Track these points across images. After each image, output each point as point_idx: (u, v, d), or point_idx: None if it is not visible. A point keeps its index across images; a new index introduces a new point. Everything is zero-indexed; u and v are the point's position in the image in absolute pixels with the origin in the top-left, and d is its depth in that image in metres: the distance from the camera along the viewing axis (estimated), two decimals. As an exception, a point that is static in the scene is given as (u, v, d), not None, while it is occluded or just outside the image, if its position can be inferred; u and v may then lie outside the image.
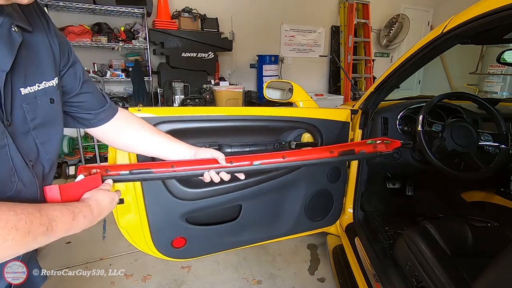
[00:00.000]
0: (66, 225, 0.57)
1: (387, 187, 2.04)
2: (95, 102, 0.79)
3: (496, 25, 0.88)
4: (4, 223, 0.46)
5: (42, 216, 0.52)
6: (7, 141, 0.54)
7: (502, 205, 1.86)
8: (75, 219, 0.59)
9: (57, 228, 0.54)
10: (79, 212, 0.61)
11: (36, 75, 0.61)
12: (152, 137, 0.91)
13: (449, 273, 1.01)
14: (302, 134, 1.47)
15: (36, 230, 0.50)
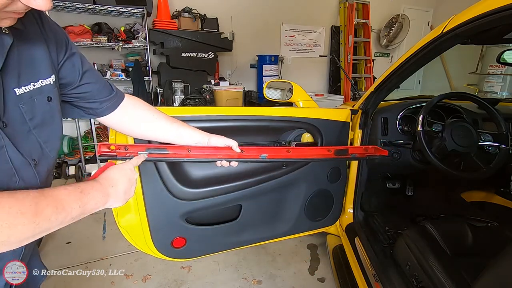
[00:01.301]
0: (76, 201, 0.58)
1: (387, 187, 2.04)
2: (99, 91, 0.77)
3: (496, 25, 0.88)
4: (7, 209, 0.47)
5: (47, 197, 0.53)
6: (4, 142, 0.54)
7: (502, 205, 1.86)
8: (83, 193, 0.60)
9: (69, 206, 0.56)
10: (86, 185, 0.61)
11: (31, 74, 0.60)
12: (165, 122, 0.91)
13: (449, 273, 1.01)
14: (302, 134, 1.47)
15: (44, 211, 0.52)
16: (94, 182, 0.65)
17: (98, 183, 0.65)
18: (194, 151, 0.92)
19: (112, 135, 1.13)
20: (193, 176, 1.28)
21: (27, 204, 0.49)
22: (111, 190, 0.67)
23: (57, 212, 0.54)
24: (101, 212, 2.54)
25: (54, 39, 0.66)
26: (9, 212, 0.47)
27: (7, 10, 0.47)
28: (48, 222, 0.52)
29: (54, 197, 0.55)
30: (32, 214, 0.49)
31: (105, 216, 2.51)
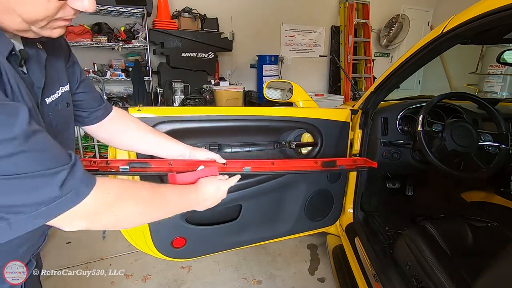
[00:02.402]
0: (177, 201, 0.69)
1: (387, 187, 2.04)
2: (91, 101, 0.80)
3: (496, 25, 0.88)
4: (132, 194, 0.57)
5: (159, 193, 0.64)
6: None
7: (502, 205, 1.86)
8: (181, 196, 0.71)
9: (171, 203, 0.67)
10: (188, 193, 0.73)
11: (55, 83, 0.63)
12: (148, 135, 0.92)
13: (449, 273, 1.01)
14: (302, 134, 1.47)
15: (154, 205, 0.62)
16: (194, 190, 0.75)
17: (196, 193, 0.75)
18: (176, 164, 0.91)
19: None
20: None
21: (146, 194, 0.60)
22: (202, 203, 0.77)
23: (164, 206, 0.65)
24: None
25: (62, 47, 0.69)
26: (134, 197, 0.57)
27: (57, 17, 0.48)
28: (156, 211, 0.63)
29: (161, 193, 0.65)
30: (149, 203, 0.61)
31: (105, 216, 2.51)
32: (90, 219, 0.51)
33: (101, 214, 0.52)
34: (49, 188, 0.44)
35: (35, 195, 0.42)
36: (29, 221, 0.43)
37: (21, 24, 0.46)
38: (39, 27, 0.49)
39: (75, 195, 0.47)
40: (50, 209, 0.44)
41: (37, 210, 0.43)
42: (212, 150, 1.28)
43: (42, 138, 0.45)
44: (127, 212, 0.56)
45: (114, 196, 0.53)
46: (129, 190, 0.57)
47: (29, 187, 0.42)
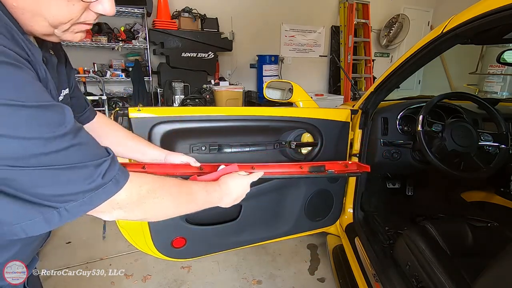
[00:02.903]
0: (203, 196, 0.71)
1: (387, 187, 2.04)
2: (78, 106, 0.82)
3: (496, 25, 0.88)
4: (162, 185, 0.61)
5: (186, 188, 0.68)
6: None
7: (502, 205, 1.86)
8: (207, 191, 0.73)
9: (197, 198, 0.69)
10: (211, 187, 0.75)
11: (60, 86, 0.66)
12: (127, 141, 0.95)
13: (449, 273, 1.01)
14: (302, 134, 1.47)
15: (183, 197, 0.66)
16: (217, 186, 0.77)
17: (219, 187, 0.77)
18: (150, 168, 0.91)
19: None
20: (193, 176, 1.28)
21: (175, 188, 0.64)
22: (225, 197, 0.78)
23: (190, 201, 0.68)
24: (101, 212, 2.54)
25: (62, 52, 0.72)
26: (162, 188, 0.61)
27: (79, 21, 0.51)
28: (182, 207, 0.66)
29: (188, 188, 0.68)
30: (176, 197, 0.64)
31: (105, 216, 2.51)
32: (127, 209, 0.55)
33: (137, 204, 0.57)
34: (94, 177, 0.48)
35: (82, 184, 0.47)
36: (77, 209, 0.47)
37: (47, 28, 0.49)
38: (62, 31, 0.51)
39: (115, 184, 0.51)
40: (95, 196, 0.48)
41: (83, 198, 0.47)
42: (212, 150, 1.28)
43: (85, 133, 0.49)
44: (159, 204, 0.60)
45: (147, 189, 0.58)
46: (160, 184, 0.61)
47: (78, 177, 0.46)
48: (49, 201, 0.45)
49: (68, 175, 0.45)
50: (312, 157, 1.49)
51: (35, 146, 0.41)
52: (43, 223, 0.46)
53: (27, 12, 0.46)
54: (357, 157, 1.62)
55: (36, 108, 0.41)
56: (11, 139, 0.39)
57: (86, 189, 0.47)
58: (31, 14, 0.47)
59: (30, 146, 0.41)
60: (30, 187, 0.43)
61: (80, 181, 0.46)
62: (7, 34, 0.44)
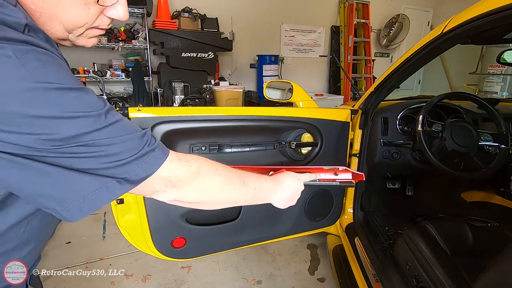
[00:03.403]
0: (254, 183, 0.70)
1: (387, 187, 2.04)
2: None
3: (496, 25, 0.88)
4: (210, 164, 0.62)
5: (236, 173, 0.67)
6: None
7: (502, 205, 1.86)
8: (259, 179, 0.72)
9: (249, 183, 0.68)
10: (261, 177, 0.73)
11: None
12: None
13: (449, 273, 1.01)
14: (302, 134, 1.47)
15: (233, 178, 0.66)
16: (270, 179, 0.75)
17: (272, 181, 0.75)
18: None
19: None
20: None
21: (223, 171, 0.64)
22: (278, 192, 0.76)
23: (242, 185, 0.67)
24: (101, 212, 2.54)
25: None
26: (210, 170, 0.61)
27: (94, 26, 0.52)
28: (235, 189, 0.66)
29: (240, 174, 0.68)
30: (226, 179, 0.64)
31: (105, 216, 2.51)
32: (180, 186, 0.57)
33: (189, 181, 0.58)
34: (142, 145, 0.50)
35: (135, 151, 0.49)
36: (135, 174, 0.49)
37: (62, 32, 0.50)
38: (76, 35, 0.52)
39: (161, 151, 0.53)
40: (149, 162, 0.51)
41: (138, 167, 0.49)
42: (212, 150, 1.28)
43: (118, 113, 0.51)
44: (210, 182, 0.61)
45: (196, 167, 0.59)
46: (208, 164, 0.62)
47: (129, 147, 0.49)
48: (107, 173, 0.47)
49: (120, 147, 0.47)
50: (312, 157, 1.49)
51: (86, 124, 0.43)
52: (105, 194, 0.47)
53: (44, 15, 0.47)
54: (357, 157, 1.62)
55: (79, 90, 0.44)
56: (63, 119, 0.41)
57: (138, 156, 0.49)
58: (48, 17, 0.47)
59: (82, 124, 0.43)
60: (86, 163, 0.45)
61: (132, 150, 0.49)
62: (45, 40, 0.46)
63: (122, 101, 3.82)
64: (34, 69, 0.39)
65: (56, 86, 0.41)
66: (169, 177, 0.55)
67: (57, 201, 0.46)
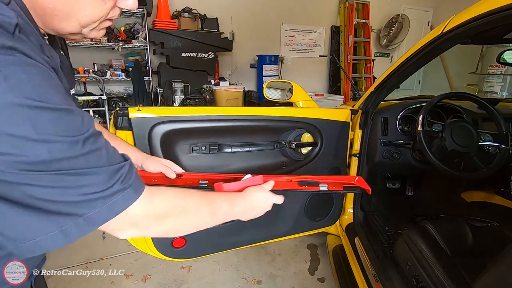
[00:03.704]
0: (225, 213, 0.69)
1: (387, 187, 2.04)
2: None
3: (496, 25, 0.88)
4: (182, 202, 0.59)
5: (208, 202, 0.65)
6: None
7: (502, 205, 1.86)
8: (231, 206, 0.70)
9: (218, 214, 0.67)
10: (235, 200, 0.72)
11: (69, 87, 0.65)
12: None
13: (449, 273, 1.01)
14: (302, 134, 1.47)
15: (203, 212, 0.64)
16: (242, 199, 0.74)
17: (244, 201, 0.74)
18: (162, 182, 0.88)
19: None
20: (193, 176, 1.28)
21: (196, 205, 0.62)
22: (248, 212, 0.76)
23: (210, 217, 0.65)
24: (101, 212, 2.54)
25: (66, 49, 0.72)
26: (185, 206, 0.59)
27: (106, 18, 0.52)
28: (200, 222, 0.64)
29: (214, 204, 0.66)
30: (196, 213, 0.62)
31: (105, 216, 2.51)
32: (144, 228, 0.54)
33: (154, 225, 0.55)
34: (114, 182, 0.46)
35: (102, 188, 0.45)
36: (96, 218, 0.45)
37: (76, 28, 0.50)
38: (90, 29, 0.52)
39: (135, 190, 0.50)
40: (114, 203, 0.47)
41: (102, 206, 0.45)
42: (212, 150, 1.28)
43: (104, 138, 0.48)
44: (178, 224, 0.59)
45: (167, 209, 0.56)
46: (180, 199, 0.59)
47: (99, 181, 0.45)
48: (68, 210, 0.43)
49: (89, 179, 0.44)
50: (312, 157, 1.49)
51: (59, 150, 0.40)
52: (60, 237, 0.43)
53: (60, 14, 0.47)
54: (357, 157, 1.62)
55: (61, 111, 0.41)
56: (36, 142, 0.38)
57: (106, 194, 0.45)
58: (64, 15, 0.47)
59: (55, 149, 0.40)
60: (48, 194, 0.41)
61: (100, 186, 0.45)
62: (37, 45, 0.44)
63: (122, 101, 3.82)
64: (17, 84, 0.36)
65: (36, 105, 0.38)
66: (135, 220, 0.51)
67: (5, 236, 0.43)
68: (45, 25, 0.49)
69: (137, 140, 1.12)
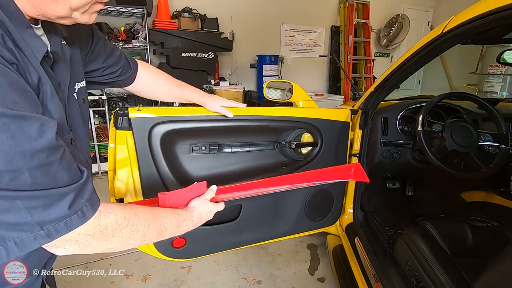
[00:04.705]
0: (172, 231, 0.66)
1: (387, 187, 2.04)
2: (121, 72, 0.87)
3: (496, 25, 0.88)
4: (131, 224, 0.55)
5: (157, 222, 0.61)
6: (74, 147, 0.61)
7: (502, 205, 1.86)
8: (179, 227, 0.68)
9: (165, 234, 0.64)
10: (183, 221, 0.69)
11: (76, 77, 0.64)
12: (172, 89, 1.08)
13: (449, 273, 1.01)
14: (302, 134, 1.47)
15: (151, 233, 0.60)
16: (190, 219, 0.71)
17: (191, 220, 0.72)
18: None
19: (112, 135, 1.13)
20: (193, 176, 1.28)
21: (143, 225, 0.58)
22: (196, 226, 0.74)
23: (156, 237, 0.62)
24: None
25: (81, 36, 0.69)
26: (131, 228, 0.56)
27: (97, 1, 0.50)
28: (144, 242, 0.60)
29: (161, 223, 0.62)
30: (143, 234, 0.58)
31: (105, 216, 2.51)
32: (84, 244, 0.49)
33: (97, 244, 0.52)
34: (58, 207, 0.42)
35: (42, 214, 0.41)
36: (29, 243, 0.41)
37: (66, 11, 0.47)
38: (81, 13, 0.50)
39: (81, 217, 0.45)
40: (54, 230, 0.42)
41: (40, 230, 0.41)
42: (212, 150, 1.28)
43: (61, 153, 0.43)
44: (121, 241, 0.56)
45: (112, 231, 0.52)
46: (129, 220, 0.55)
47: (40, 205, 0.40)
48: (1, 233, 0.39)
49: (29, 201, 0.39)
50: (312, 157, 1.49)
51: (3, 161, 0.36)
52: None
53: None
54: (357, 157, 1.62)
55: (9, 117, 0.36)
56: None
57: (46, 219, 0.41)
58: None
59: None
60: None
61: (40, 210, 0.40)
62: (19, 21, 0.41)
63: (122, 101, 3.81)
64: None
65: None
66: (76, 238, 0.47)
67: None
68: (34, 8, 0.46)
69: (137, 140, 1.12)
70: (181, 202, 0.76)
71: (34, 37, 0.47)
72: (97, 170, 3.42)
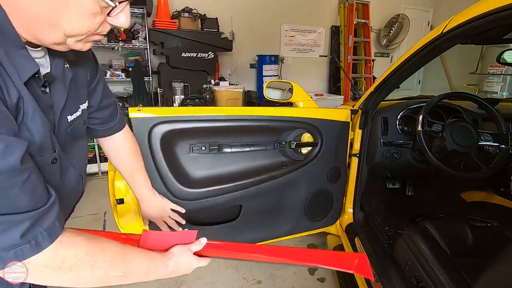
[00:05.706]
0: (139, 276, 0.61)
1: (387, 187, 2.04)
2: (104, 118, 0.82)
3: (496, 25, 0.88)
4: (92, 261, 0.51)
5: (125, 264, 0.57)
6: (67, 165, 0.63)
7: (502, 205, 1.86)
8: (149, 273, 0.62)
9: (131, 278, 0.59)
10: (155, 267, 0.64)
11: (77, 102, 0.65)
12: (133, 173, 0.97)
13: (449, 273, 1.01)
14: (302, 134, 1.47)
15: (114, 275, 0.55)
16: (164, 267, 0.67)
17: (165, 267, 0.67)
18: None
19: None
20: (193, 176, 1.28)
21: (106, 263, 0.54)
22: (169, 276, 0.70)
23: (119, 279, 0.57)
24: (101, 211, 2.54)
25: (89, 64, 0.70)
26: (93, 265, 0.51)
27: (95, 33, 0.50)
28: (105, 281, 0.55)
29: (129, 265, 0.58)
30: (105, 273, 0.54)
31: (105, 216, 2.51)
32: (36, 275, 0.46)
33: (50, 276, 0.48)
34: (10, 235, 0.40)
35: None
36: None
37: (60, 38, 0.47)
38: (76, 41, 0.50)
39: (33, 247, 0.43)
40: (4, 258, 0.41)
41: None
42: (212, 150, 1.28)
43: (23, 175, 0.42)
44: (80, 279, 0.51)
45: (72, 261, 0.49)
46: (92, 256, 0.51)
47: None
48: None
49: None
50: (312, 157, 1.49)
51: None
52: None
53: (44, 23, 0.45)
54: (357, 157, 1.62)
55: None
56: None
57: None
58: (48, 25, 0.45)
59: None
60: None
61: None
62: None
63: (122, 101, 3.81)
64: None
65: None
66: (29, 267, 0.45)
67: None
68: (28, 33, 0.46)
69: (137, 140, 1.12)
70: (163, 245, 0.71)
71: (24, 58, 0.47)
72: (97, 170, 3.42)
